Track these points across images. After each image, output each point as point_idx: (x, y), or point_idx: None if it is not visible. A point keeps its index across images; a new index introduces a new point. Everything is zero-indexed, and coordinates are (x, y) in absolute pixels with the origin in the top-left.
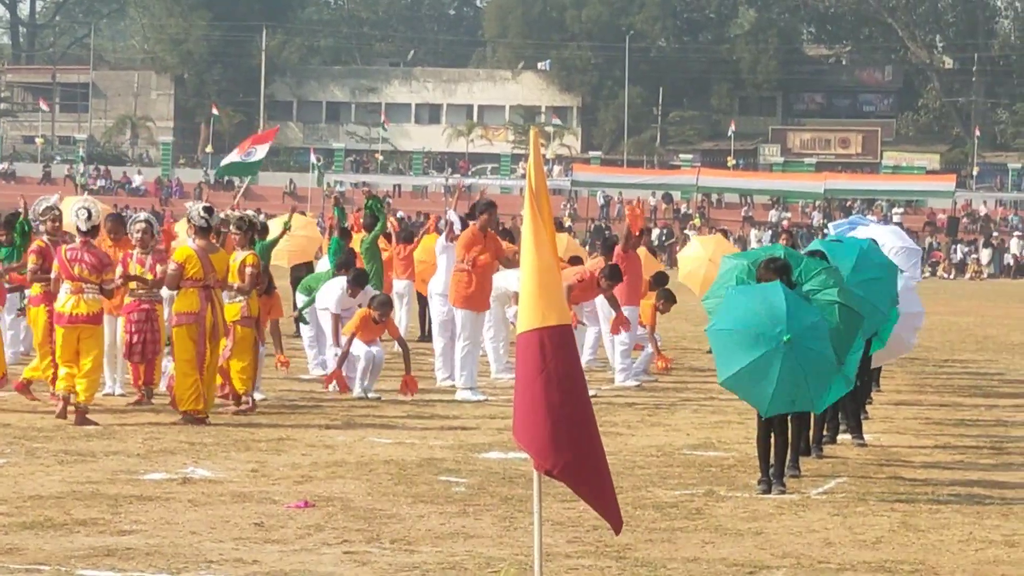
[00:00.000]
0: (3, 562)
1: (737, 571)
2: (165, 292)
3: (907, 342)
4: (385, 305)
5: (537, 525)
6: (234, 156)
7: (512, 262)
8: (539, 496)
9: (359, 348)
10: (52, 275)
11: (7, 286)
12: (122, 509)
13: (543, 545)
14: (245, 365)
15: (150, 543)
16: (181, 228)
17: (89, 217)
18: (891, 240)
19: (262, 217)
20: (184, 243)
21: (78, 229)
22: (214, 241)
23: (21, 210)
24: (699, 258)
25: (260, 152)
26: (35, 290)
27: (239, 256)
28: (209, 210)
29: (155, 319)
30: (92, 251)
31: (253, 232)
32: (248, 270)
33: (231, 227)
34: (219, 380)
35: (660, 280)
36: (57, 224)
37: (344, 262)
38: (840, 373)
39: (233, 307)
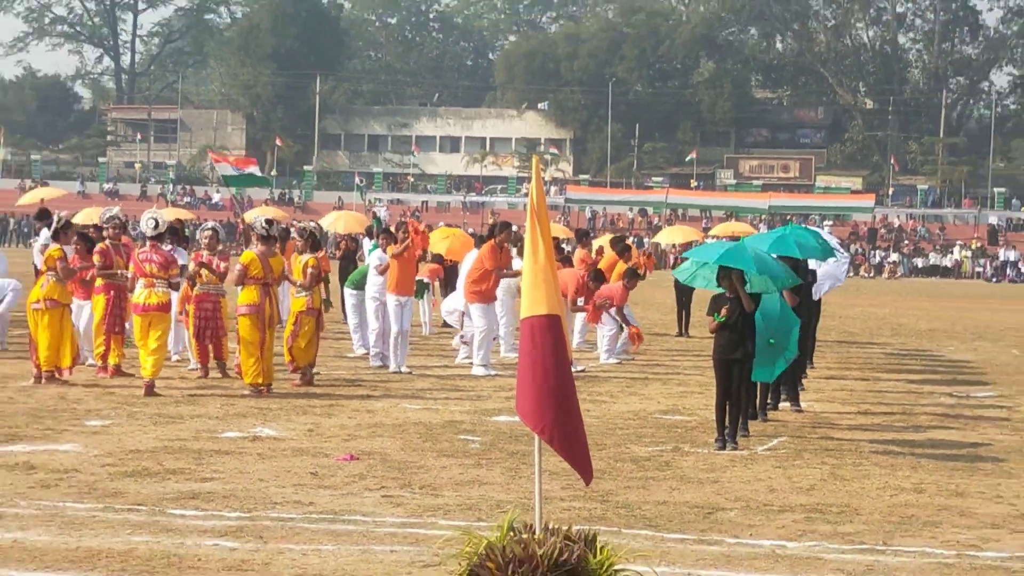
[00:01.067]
0: (109, 503)
1: (698, 512)
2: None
3: (831, 286)
4: None
5: (537, 474)
6: (229, 169)
7: (508, 274)
8: (539, 451)
9: (396, 326)
10: (129, 273)
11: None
12: (204, 461)
13: (542, 490)
14: (307, 346)
15: (226, 488)
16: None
17: (156, 226)
18: (832, 240)
19: (312, 225)
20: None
21: (146, 235)
22: (275, 247)
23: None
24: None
25: (252, 169)
26: (97, 282)
27: (303, 259)
28: (270, 222)
29: (219, 308)
30: (159, 252)
31: (313, 240)
32: (309, 270)
33: (295, 236)
34: (287, 358)
35: (630, 273)
36: (118, 231)
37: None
38: (782, 355)
39: (299, 300)
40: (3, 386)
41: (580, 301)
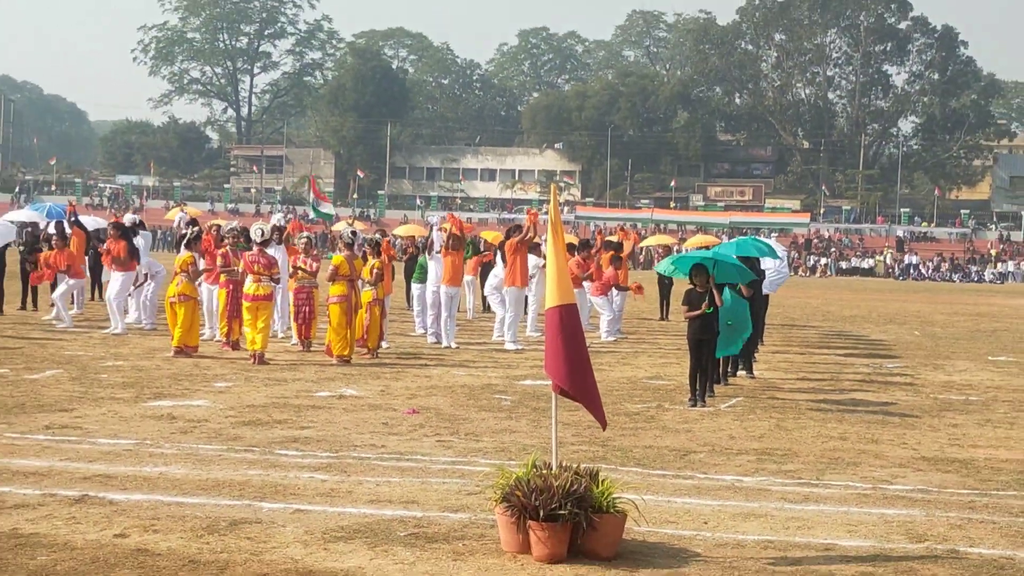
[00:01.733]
0: (231, 445)
1: (675, 454)
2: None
3: (782, 279)
4: None
5: (554, 425)
6: (316, 202)
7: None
8: (555, 407)
9: (447, 311)
10: (239, 270)
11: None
12: (302, 414)
13: (558, 437)
14: (374, 328)
15: (319, 434)
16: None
17: (262, 235)
18: (779, 248)
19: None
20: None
21: (254, 241)
22: (356, 252)
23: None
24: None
25: (327, 207)
26: (221, 278)
27: (371, 262)
28: (354, 233)
29: (313, 298)
30: (264, 256)
31: (378, 248)
32: (375, 271)
33: (366, 246)
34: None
35: (614, 259)
36: (239, 239)
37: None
38: (739, 335)
39: (367, 293)
40: (151, 357)
41: (587, 285)
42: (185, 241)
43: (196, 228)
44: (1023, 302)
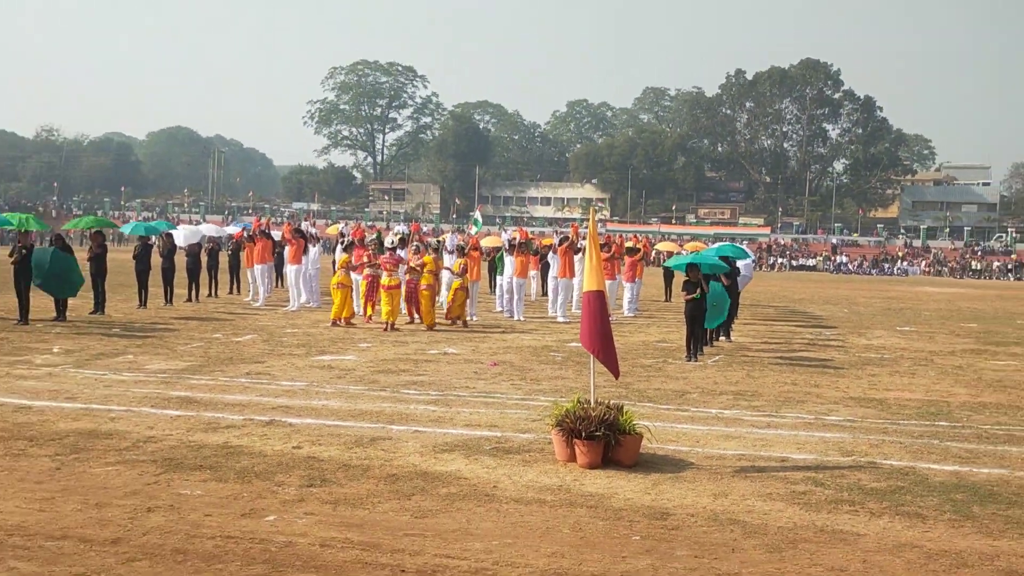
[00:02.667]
0: (370, 387)
1: (676, 394)
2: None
3: (749, 277)
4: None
5: (592, 374)
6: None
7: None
8: (592, 363)
9: (518, 294)
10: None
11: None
12: (419, 366)
13: (595, 382)
14: (459, 306)
15: (431, 380)
16: None
17: (392, 242)
18: (748, 251)
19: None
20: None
21: (388, 247)
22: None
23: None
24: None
25: (478, 216)
26: (365, 271)
27: (459, 260)
28: (439, 241)
29: (418, 286)
30: (393, 257)
31: (461, 251)
32: (461, 266)
33: (456, 250)
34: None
35: (630, 251)
36: (378, 244)
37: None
38: (720, 312)
39: (456, 282)
40: (316, 326)
41: (621, 276)
42: (344, 246)
43: (350, 238)
44: (920, 289)
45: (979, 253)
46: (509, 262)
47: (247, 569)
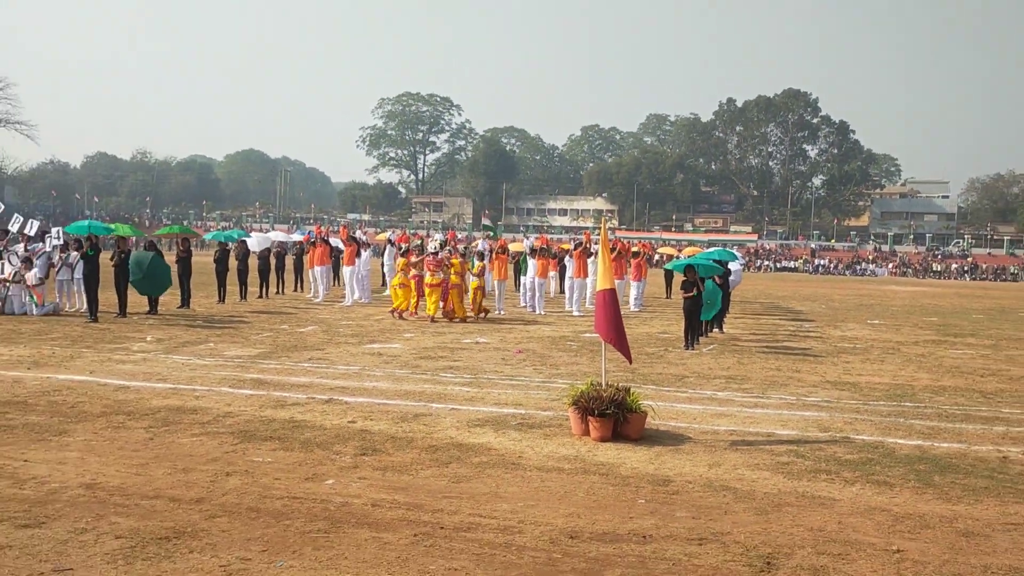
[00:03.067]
0: (413, 371)
1: (674, 378)
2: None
3: (738, 281)
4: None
5: (603, 360)
6: (487, 221)
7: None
8: (604, 350)
9: (539, 292)
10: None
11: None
12: (455, 353)
13: (606, 368)
14: (480, 301)
15: (464, 365)
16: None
17: (435, 247)
18: (738, 254)
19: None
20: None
21: (429, 251)
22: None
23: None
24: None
25: (488, 222)
26: (411, 272)
27: (479, 263)
28: (465, 246)
29: (458, 286)
30: (437, 259)
31: (481, 256)
32: (481, 269)
33: (475, 255)
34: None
35: (634, 253)
36: (420, 249)
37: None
38: (714, 307)
39: (475, 282)
40: (367, 319)
41: (629, 276)
42: (403, 252)
43: (406, 246)
44: (887, 288)
45: (939, 257)
46: (531, 264)
47: (310, 525)
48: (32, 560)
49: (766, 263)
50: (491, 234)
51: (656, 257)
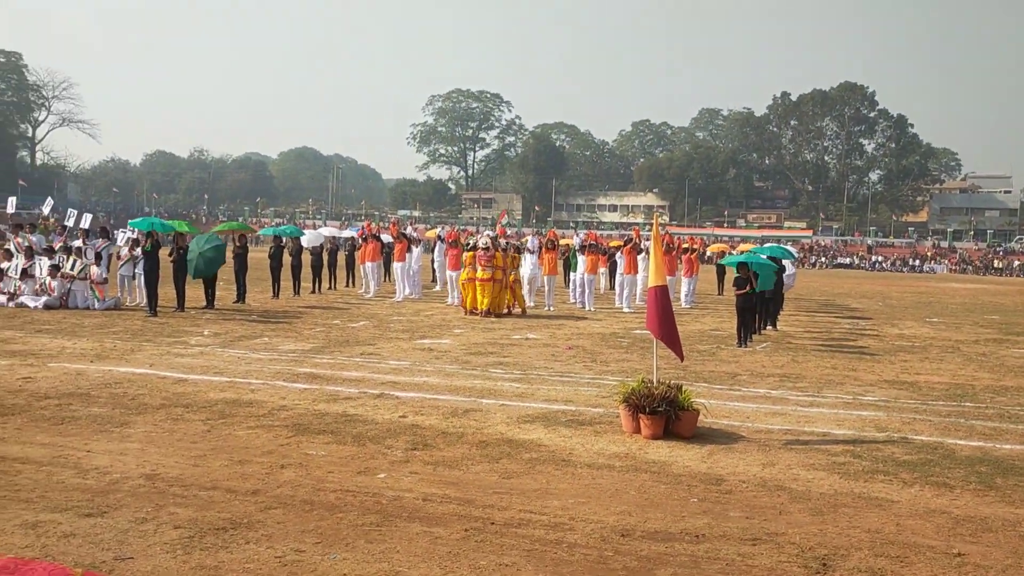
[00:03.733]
0: (463, 367)
1: (727, 376)
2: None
3: (791, 284)
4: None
5: (655, 357)
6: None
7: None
8: (656, 347)
9: (589, 288)
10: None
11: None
12: (505, 348)
13: (657, 364)
14: (521, 295)
15: (514, 361)
16: None
17: (486, 243)
18: (793, 250)
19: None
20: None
21: (480, 246)
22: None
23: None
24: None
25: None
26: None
27: (519, 258)
28: (506, 242)
29: (499, 281)
30: (487, 254)
31: (518, 250)
32: (518, 264)
33: (512, 249)
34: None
35: (685, 250)
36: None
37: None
38: (767, 284)
39: (512, 276)
40: (418, 314)
41: (681, 272)
42: (470, 247)
43: (474, 240)
44: (947, 285)
45: (1000, 253)
46: (581, 260)
47: (363, 518)
48: (95, 548)
49: (822, 260)
50: (504, 222)
51: (707, 253)
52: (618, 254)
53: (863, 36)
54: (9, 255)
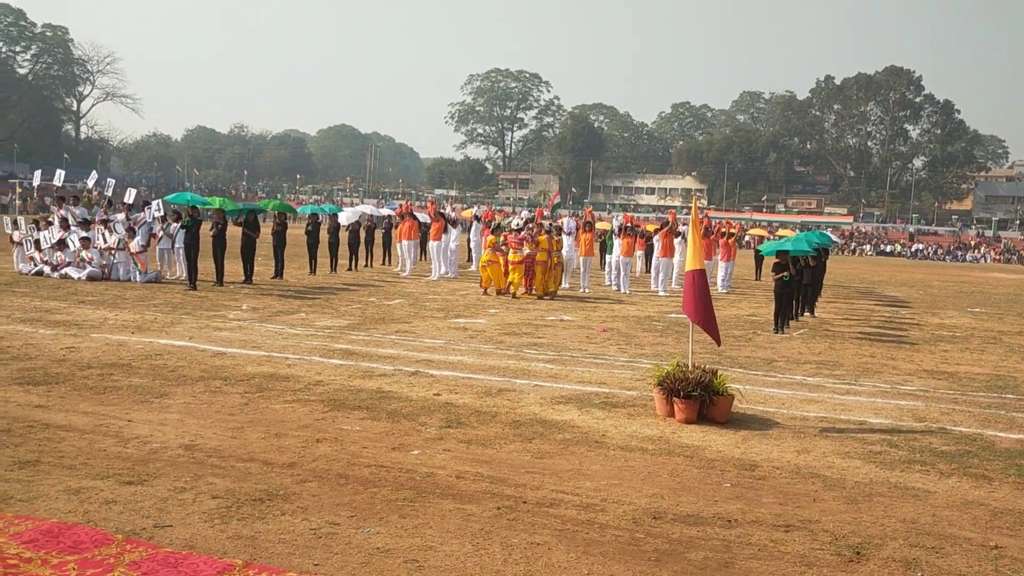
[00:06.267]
0: (497, 347)
1: (763, 362)
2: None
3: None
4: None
5: (690, 341)
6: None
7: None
8: (691, 331)
9: (625, 271)
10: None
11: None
12: (539, 330)
13: (692, 348)
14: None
15: (548, 342)
16: None
17: (520, 224)
18: (833, 237)
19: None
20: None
21: (513, 228)
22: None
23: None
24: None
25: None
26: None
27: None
28: (552, 223)
29: (543, 262)
30: (518, 236)
31: (559, 231)
32: (560, 247)
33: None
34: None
35: (725, 234)
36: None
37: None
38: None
39: (555, 258)
40: (453, 293)
41: (718, 256)
42: (493, 228)
43: (498, 221)
44: (990, 275)
45: None
46: (617, 243)
47: (396, 493)
48: (136, 516)
49: (865, 247)
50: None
51: (746, 238)
52: (654, 237)
53: (910, 19)
54: (48, 224)
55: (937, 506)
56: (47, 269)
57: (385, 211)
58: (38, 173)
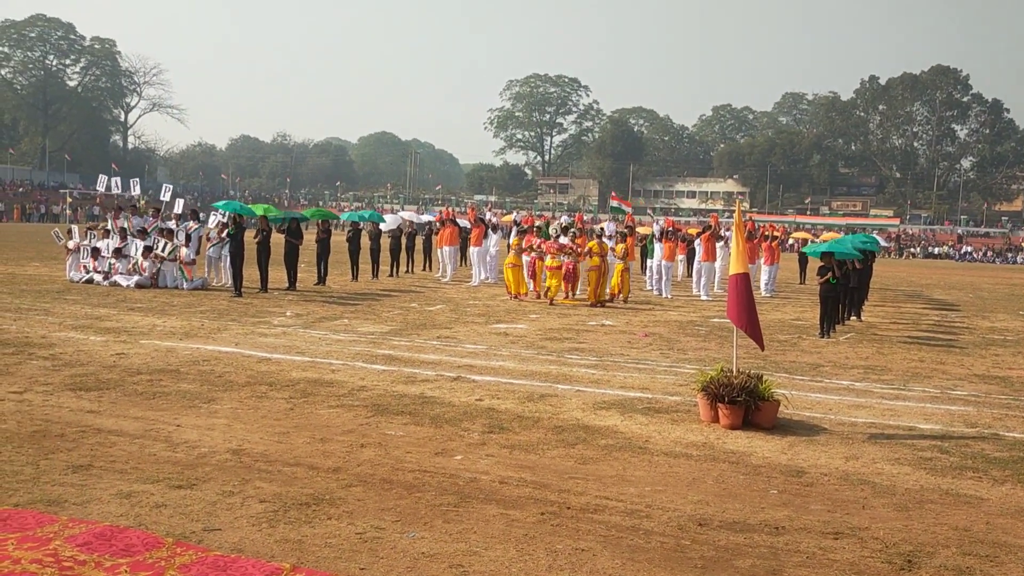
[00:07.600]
0: (538, 351)
1: (808, 367)
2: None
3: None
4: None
5: (735, 346)
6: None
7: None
8: (736, 336)
9: (667, 275)
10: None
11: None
12: (580, 335)
13: (737, 353)
14: (626, 285)
15: (589, 347)
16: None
17: (558, 231)
18: (881, 240)
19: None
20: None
21: (552, 235)
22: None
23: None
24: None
25: (622, 206)
26: (531, 254)
27: (620, 245)
28: (603, 228)
29: (576, 268)
30: (557, 243)
31: (624, 236)
32: (623, 250)
33: (617, 235)
34: (615, 290)
35: (765, 237)
36: (540, 231)
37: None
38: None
39: (619, 265)
40: (493, 299)
41: (762, 260)
42: (517, 231)
43: (523, 225)
44: None
45: None
46: (658, 247)
47: (440, 498)
48: (185, 519)
49: (911, 250)
50: (618, 217)
51: (790, 241)
52: (696, 241)
53: (956, 18)
54: (107, 234)
55: (991, 513)
56: (97, 277)
57: (426, 217)
58: (103, 179)
